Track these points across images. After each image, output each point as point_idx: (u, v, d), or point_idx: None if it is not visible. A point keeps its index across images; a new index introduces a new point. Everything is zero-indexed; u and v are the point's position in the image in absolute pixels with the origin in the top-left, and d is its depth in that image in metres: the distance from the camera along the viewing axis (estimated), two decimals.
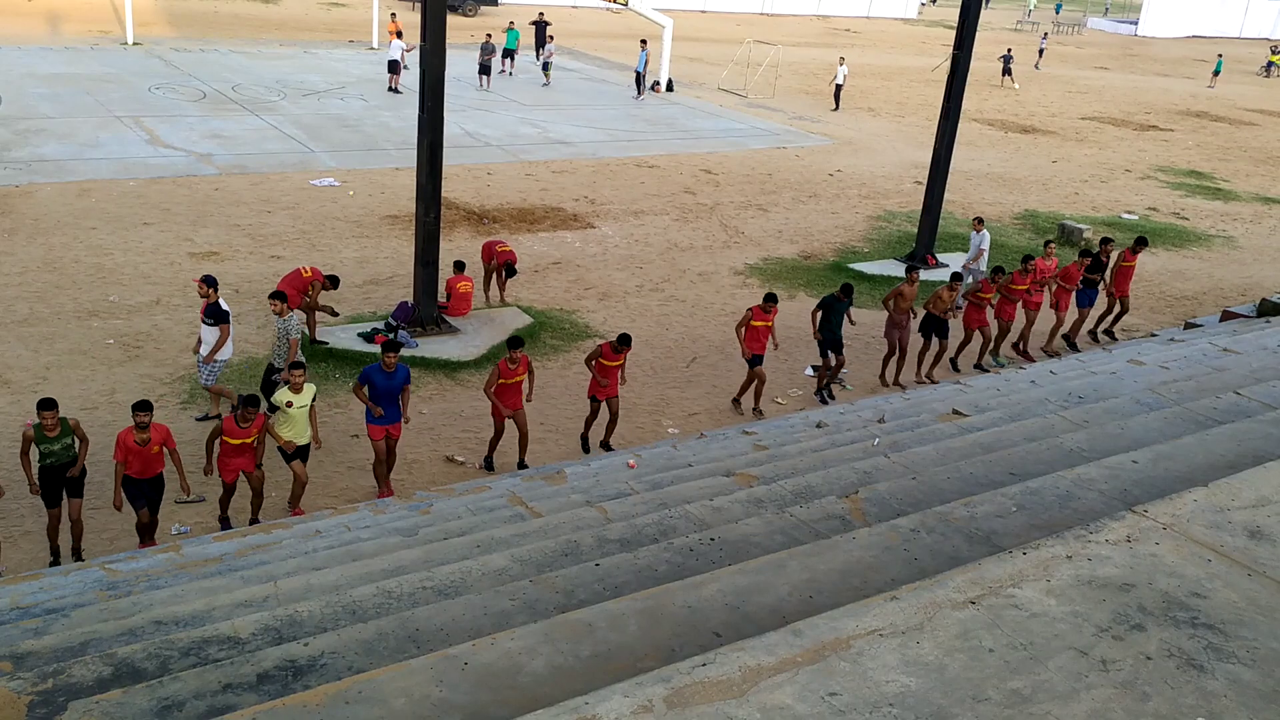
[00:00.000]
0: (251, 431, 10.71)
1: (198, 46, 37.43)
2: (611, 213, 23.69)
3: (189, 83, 31.42)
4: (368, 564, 7.30)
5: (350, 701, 4.07)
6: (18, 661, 5.72)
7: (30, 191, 20.82)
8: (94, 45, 35.77)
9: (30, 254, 17.81)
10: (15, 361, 14.23)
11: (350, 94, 32.43)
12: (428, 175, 15.74)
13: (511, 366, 12.38)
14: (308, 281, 15.10)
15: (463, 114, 29.47)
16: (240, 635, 5.54)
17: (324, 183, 23.50)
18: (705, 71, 43.55)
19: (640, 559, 6.10)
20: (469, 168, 25.40)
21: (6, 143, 23.69)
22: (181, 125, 26.76)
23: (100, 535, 10.99)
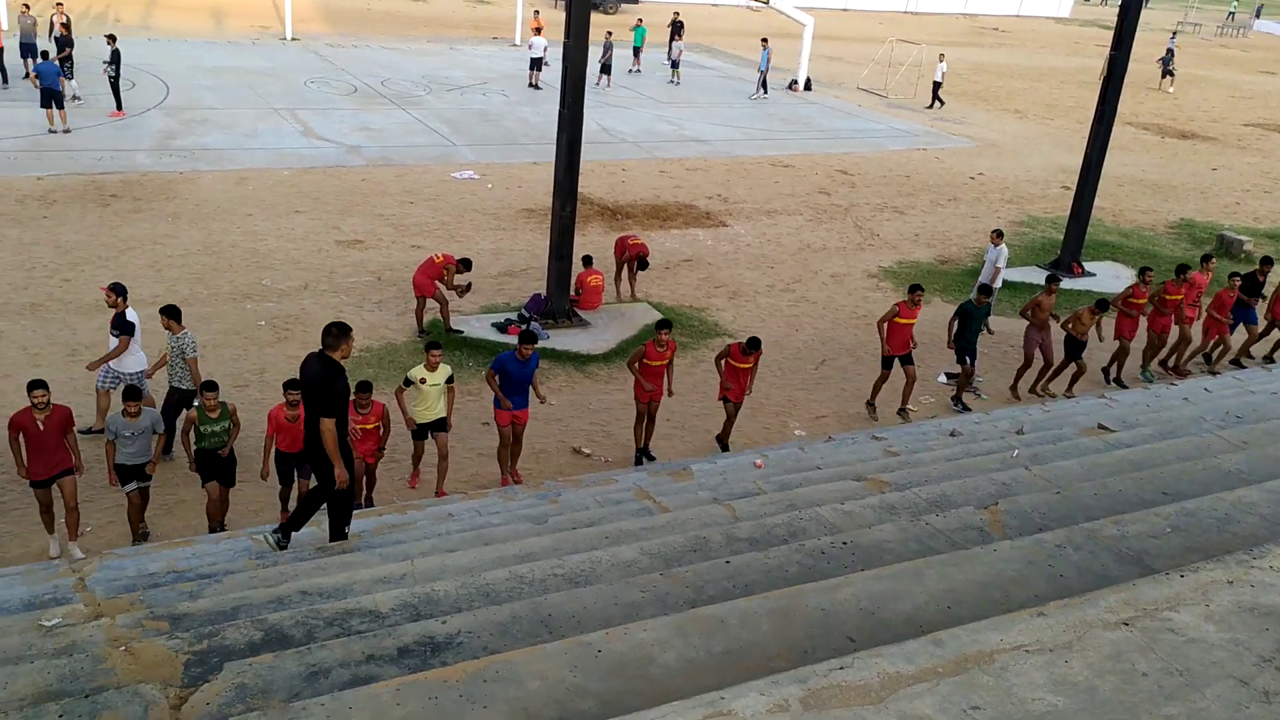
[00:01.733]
0: (371, 419, 11.01)
1: (351, 43, 38.76)
2: (744, 211, 23.59)
3: (341, 78, 32.58)
4: (499, 549, 7.44)
5: (488, 680, 4.16)
6: (174, 622, 6.02)
7: (193, 178, 21.91)
8: (255, 40, 37.42)
9: (192, 238, 18.74)
10: None
11: (492, 89, 33.11)
12: (565, 170, 15.94)
13: (659, 349, 12.47)
14: (440, 267, 15.51)
15: (600, 110, 29.77)
16: (380, 610, 5.72)
17: (464, 176, 24.06)
18: (845, 71, 42.96)
19: (771, 559, 6.06)
20: (604, 164, 25.64)
21: (173, 132, 24.98)
22: (333, 118, 27.76)
23: (247, 508, 11.48)
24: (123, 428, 10.19)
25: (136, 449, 10.34)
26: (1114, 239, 23.88)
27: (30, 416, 9.73)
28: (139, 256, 17.69)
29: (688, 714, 3.53)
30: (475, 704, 4.04)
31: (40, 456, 9.90)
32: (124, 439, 10.25)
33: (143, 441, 10.36)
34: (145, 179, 21.50)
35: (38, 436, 9.79)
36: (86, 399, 12.83)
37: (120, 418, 10.17)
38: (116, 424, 10.19)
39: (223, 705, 4.41)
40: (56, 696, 4.68)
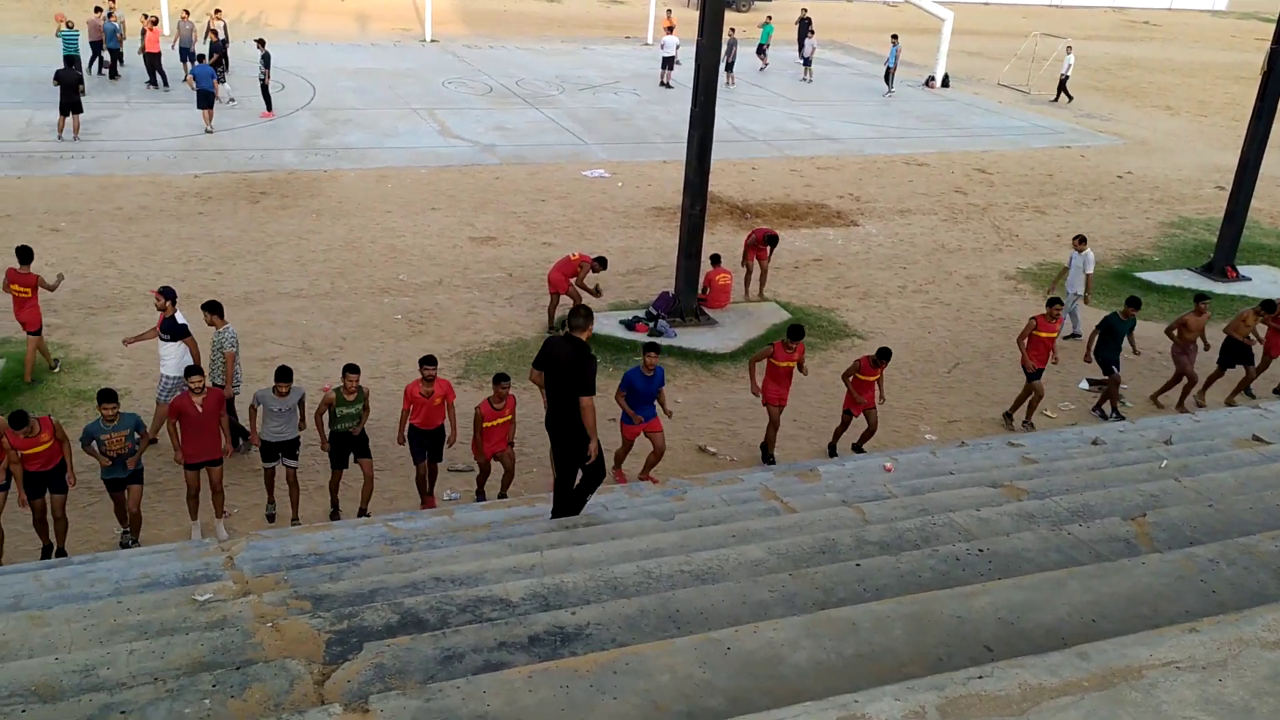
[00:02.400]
0: (505, 411, 11.19)
1: (487, 43, 39.59)
2: (876, 210, 23.20)
3: (478, 78, 33.31)
4: (626, 543, 7.49)
5: (618, 672, 4.19)
6: (316, 602, 6.25)
7: (336, 176, 22.72)
8: (396, 42, 38.57)
9: (334, 234, 19.43)
10: (317, 331, 15.56)
11: (624, 89, 33.36)
12: (696, 169, 15.94)
13: (786, 351, 12.37)
14: (575, 265, 15.69)
15: (731, 109, 29.69)
16: (511, 598, 5.82)
17: (595, 174, 24.31)
18: (985, 66, 41.80)
19: (903, 563, 5.94)
20: (734, 162, 25.56)
21: (318, 131, 25.95)
22: (469, 117, 28.41)
23: (381, 495, 11.83)
24: (271, 403, 10.63)
25: (282, 425, 10.77)
26: (1272, 242, 22.63)
27: (189, 400, 10.21)
28: (285, 251, 18.43)
29: (821, 716, 3.49)
30: (605, 695, 4.08)
31: (195, 440, 10.37)
32: (271, 413, 10.69)
33: (289, 419, 10.78)
34: (292, 177, 22.39)
35: (195, 419, 10.25)
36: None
37: (270, 393, 10.60)
38: (266, 399, 10.63)
39: (363, 683, 4.55)
40: (210, 667, 4.92)
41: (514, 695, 4.05)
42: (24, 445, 9.59)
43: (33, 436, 9.59)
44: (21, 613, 6.62)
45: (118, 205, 19.92)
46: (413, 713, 3.93)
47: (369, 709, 3.93)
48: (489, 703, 4.01)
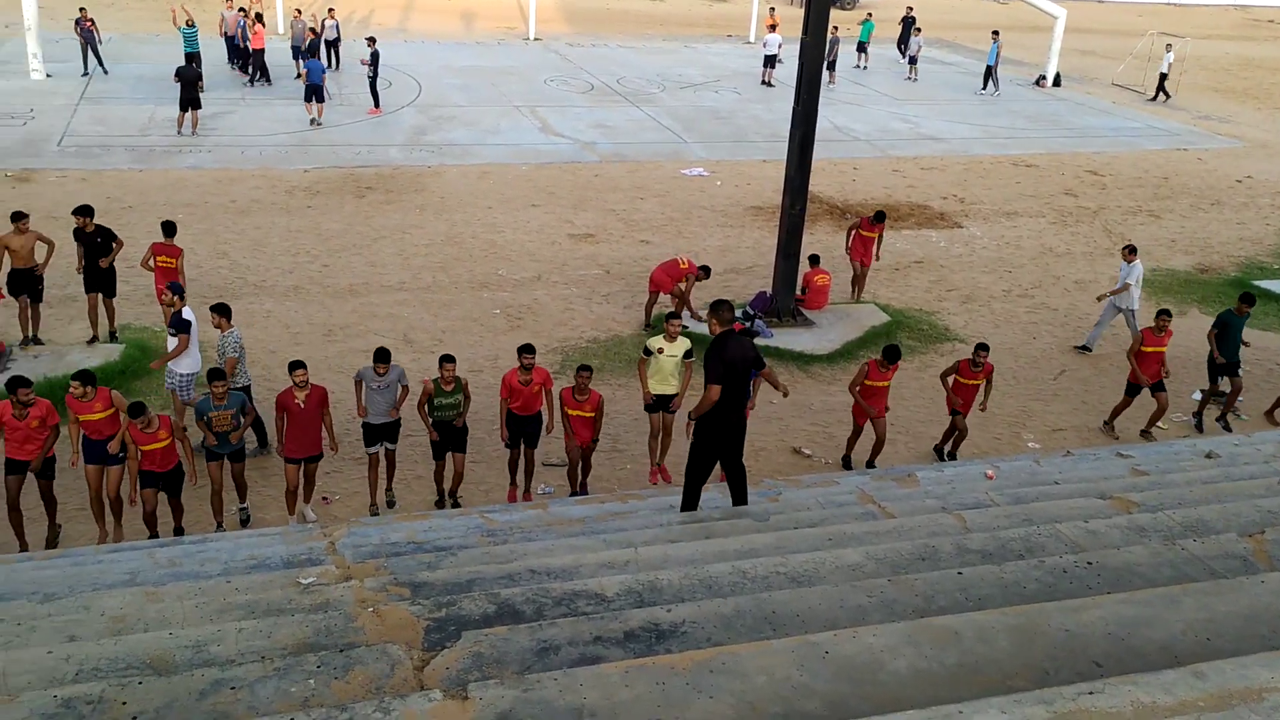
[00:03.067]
0: (587, 408, 11.24)
1: (589, 42, 39.87)
2: (981, 212, 22.70)
3: (579, 76, 33.56)
4: (721, 543, 7.46)
5: (714, 671, 4.17)
6: (415, 589, 6.36)
7: (440, 172, 23.12)
8: (500, 41, 39.10)
9: (436, 229, 19.78)
10: (419, 324, 15.85)
11: (724, 87, 33.25)
12: (797, 168, 15.80)
13: (881, 370, 12.17)
14: (684, 273, 15.67)
15: (833, 108, 29.36)
16: (606, 593, 5.84)
17: (694, 172, 24.28)
18: (1098, 66, 40.59)
19: (1007, 573, 5.79)
20: (835, 162, 25.27)
21: (423, 128, 26.45)
22: (570, 115, 28.64)
23: (478, 487, 12.01)
24: (370, 380, 10.86)
25: (384, 402, 11.00)
26: None
27: (292, 396, 10.49)
28: (388, 245, 18.82)
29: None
30: (701, 693, 4.06)
31: (298, 435, 10.63)
32: (371, 390, 10.92)
33: (389, 397, 11.00)
34: (397, 172, 22.86)
35: (298, 414, 10.52)
36: (340, 376, 13.77)
37: (370, 371, 10.83)
38: (366, 375, 10.88)
39: (460, 671, 4.61)
40: (314, 648, 5.04)
41: (610, 690, 4.06)
42: (142, 440, 9.94)
43: (150, 432, 9.93)
44: (137, 588, 6.88)
45: (231, 198, 20.58)
46: (510, 702, 3.97)
47: (468, 696, 3.98)
48: (585, 696, 4.03)
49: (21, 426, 9.83)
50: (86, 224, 13.96)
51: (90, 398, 9.91)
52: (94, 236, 14.02)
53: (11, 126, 23.96)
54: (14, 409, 9.75)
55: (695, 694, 4.06)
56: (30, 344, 13.97)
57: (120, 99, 26.84)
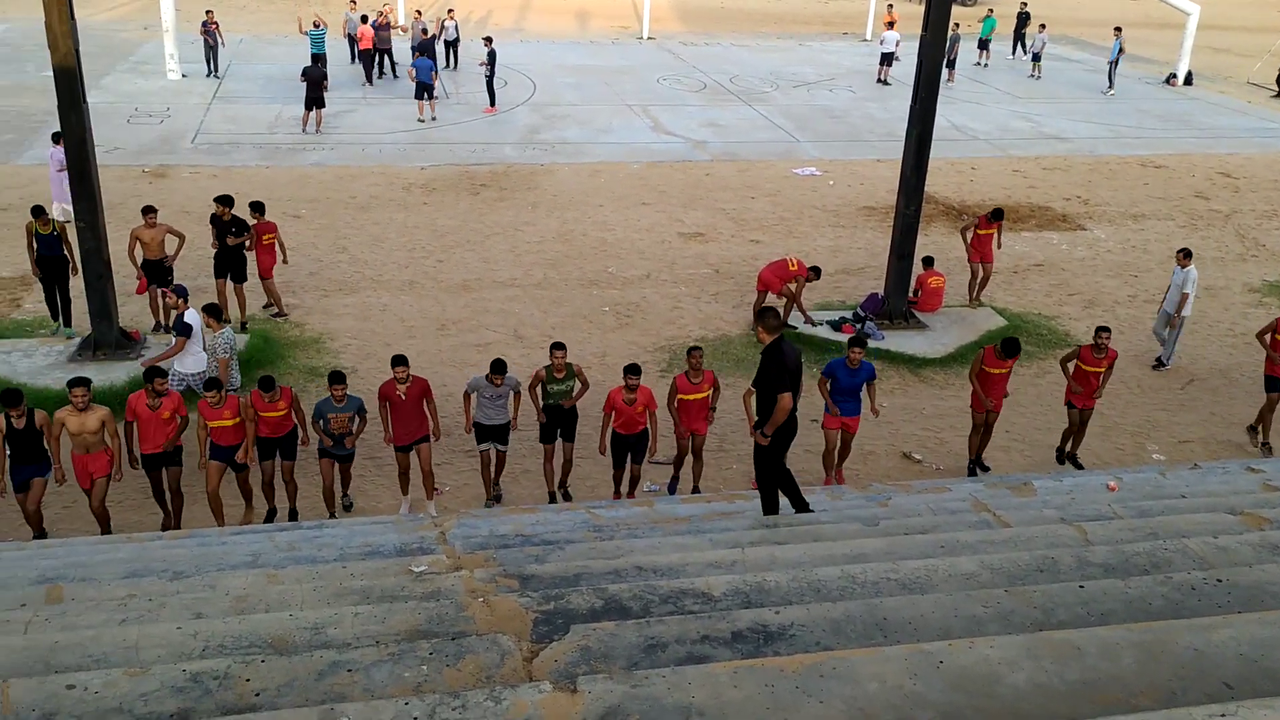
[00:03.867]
0: (704, 387, 11.29)
1: (703, 40, 39.83)
2: (1106, 215, 21.94)
3: (692, 74, 33.55)
4: (829, 546, 7.35)
5: (824, 675, 4.11)
6: (523, 582, 6.43)
7: (552, 170, 23.39)
8: (614, 40, 39.35)
9: (548, 226, 20.00)
10: (529, 320, 16.06)
11: (839, 85, 32.85)
12: (913, 167, 15.50)
13: (998, 358, 11.87)
14: (793, 274, 15.54)
15: (951, 106, 28.72)
16: (713, 593, 5.81)
17: (806, 172, 24.04)
18: (1232, 64, 38.84)
19: (1131, 588, 5.57)
20: (952, 161, 24.73)
21: (537, 126, 26.79)
22: (682, 114, 28.65)
23: (584, 482, 12.11)
24: (484, 390, 11.04)
25: (495, 411, 11.17)
26: None
27: (394, 388, 10.74)
28: (501, 242, 19.11)
29: None
30: (811, 697, 4.00)
31: (401, 424, 10.90)
32: (484, 400, 11.10)
33: (501, 405, 11.17)
34: (510, 170, 23.20)
35: (400, 406, 10.79)
36: (451, 370, 14.05)
37: (485, 381, 11.01)
38: (480, 385, 11.06)
39: (569, 664, 4.64)
40: (426, 635, 5.13)
41: (718, 689, 4.04)
42: (264, 408, 10.38)
43: (274, 402, 10.36)
44: (259, 570, 7.12)
45: (352, 194, 21.17)
46: (619, 697, 3.97)
47: (577, 690, 4.00)
48: (693, 694, 4.01)
49: (153, 417, 10.25)
50: (225, 213, 14.58)
51: (220, 404, 10.33)
52: (229, 225, 14.61)
53: (150, 124, 25.08)
54: (148, 398, 10.18)
55: (805, 698, 4.00)
56: (163, 331, 14.59)
57: (249, 98, 27.85)
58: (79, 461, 10.10)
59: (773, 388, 8.58)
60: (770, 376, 8.61)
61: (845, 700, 3.99)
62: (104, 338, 13.84)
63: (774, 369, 8.56)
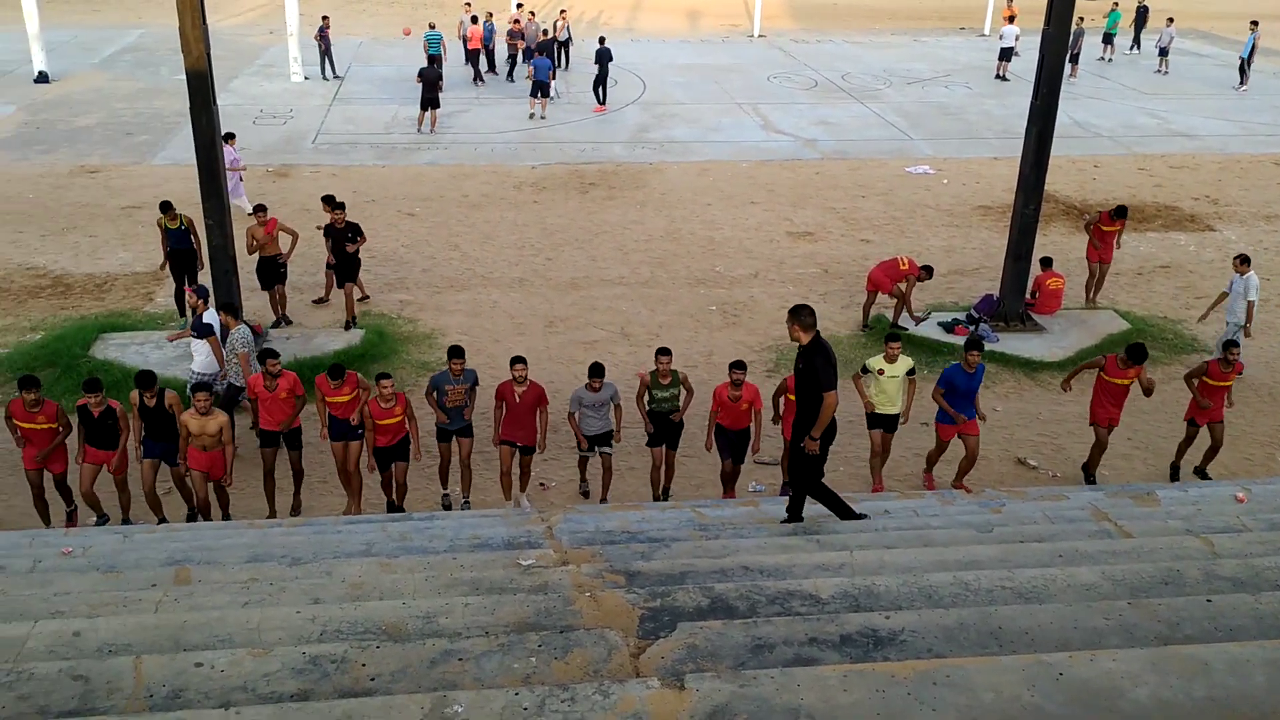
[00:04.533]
0: None
1: (814, 37, 39.41)
2: (1237, 215, 20.98)
3: (803, 72, 33.24)
4: (941, 552, 7.21)
5: (937, 683, 4.02)
6: (629, 578, 6.46)
7: (660, 169, 23.43)
8: (724, 38, 39.22)
9: (655, 225, 20.05)
10: (636, 318, 16.12)
11: (955, 82, 32.14)
12: (1032, 165, 15.07)
13: (1121, 368, 11.44)
14: (904, 274, 15.27)
15: (1073, 102, 27.82)
16: (820, 595, 5.75)
17: (919, 170, 23.59)
18: None
19: (1263, 604, 5.32)
20: (1074, 159, 23.96)
21: (645, 125, 26.88)
22: (792, 112, 28.40)
23: (689, 481, 12.09)
24: (586, 399, 11.12)
25: (598, 420, 11.23)
26: None
27: (511, 388, 10.87)
28: (609, 240, 19.23)
29: None
30: (924, 705, 3.92)
31: (513, 423, 11.01)
32: (586, 410, 11.18)
33: (603, 413, 11.22)
34: (619, 169, 23.32)
35: (515, 406, 10.91)
36: (559, 367, 14.19)
37: (585, 390, 11.08)
38: (581, 396, 11.13)
39: (675, 662, 4.65)
40: (535, 628, 5.20)
41: (828, 693, 3.99)
42: (380, 415, 10.61)
43: (388, 409, 10.58)
44: (373, 559, 7.32)
45: (464, 193, 21.56)
46: (727, 696, 3.96)
47: (685, 687, 4.00)
48: (803, 697, 3.97)
49: (271, 397, 10.64)
50: (339, 219, 14.96)
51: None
52: (344, 233, 15.00)
53: (273, 126, 25.97)
54: (265, 380, 10.57)
55: (917, 705, 3.92)
56: (281, 325, 15.09)
57: (367, 99, 28.61)
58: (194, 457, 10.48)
59: (817, 388, 8.03)
60: (815, 378, 8.05)
61: (960, 709, 3.90)
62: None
63: (819, 368, 8.02)
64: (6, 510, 11.00)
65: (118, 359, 13.88)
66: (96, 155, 23.31)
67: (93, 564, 7.54)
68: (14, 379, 13.28)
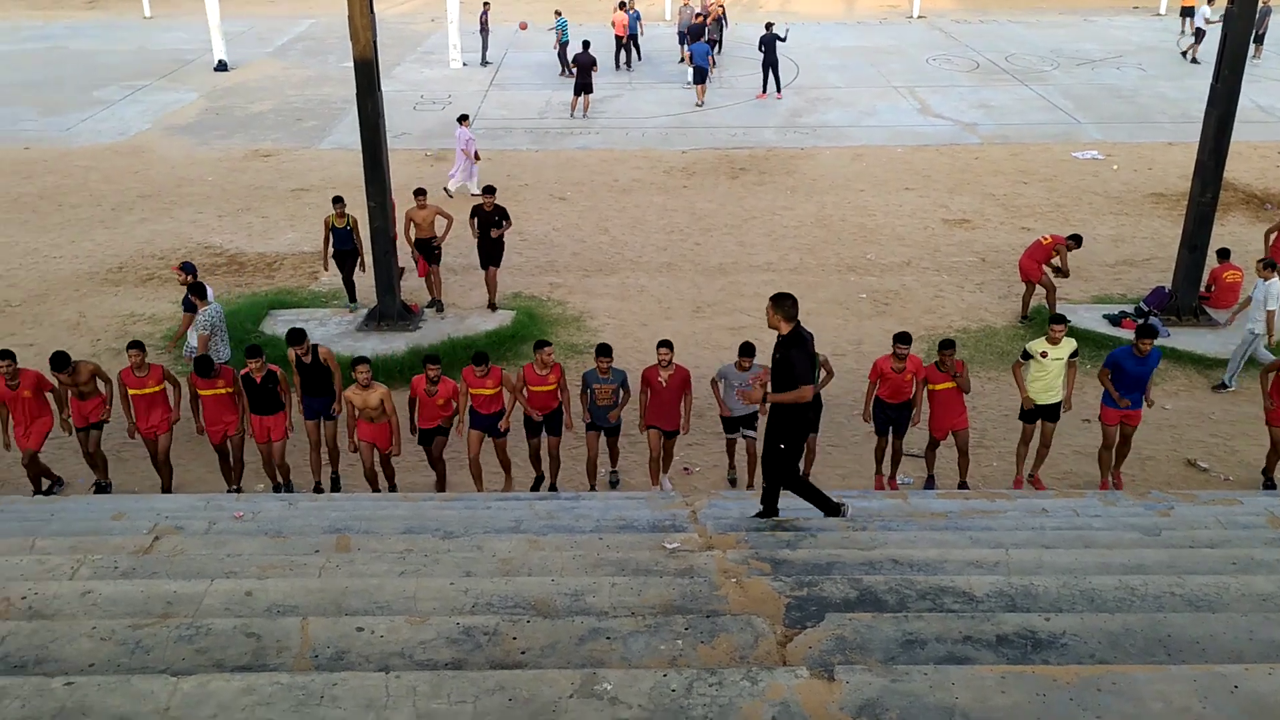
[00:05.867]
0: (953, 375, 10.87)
1: (977, 18, 38.12)
2: None
3: (964, 54, 32.21)
4: (1103, 554, 6.90)
5: (1102, 690, 3.85)
6: (775, 566, 6.41)
7: (812, 154, 23.10)
8: (882, 20, 38.35)
9: (806, 211, 19.79)
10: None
11: (1127, 63, 30.61)
12: (1211, 152, 14.23)
13: None
14: (1049, 249, 14.70)
15: (1257, 85, 26.17)
16: (975, 593, 5.58)
17: (1086, 155, 22.59)
18: None
19: None
20: (1255, 145, 22.52)
21: (798, 109, 26.53)
22: (952, 95, 27.57)
23: (835, 471, 11.92)
24: (733, 377, 11.06)
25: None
26: None
27: (656, 373, 10.89)
28: (758, 226, 19.08)
29: None
30: (1087, 711, 3.76)
31: (658, 409, 11.02)
32: (731, 387, 11.12)
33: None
34: (770, 154, 23.10)
35: (660, 391, 10.93)
36: (705, 351, 14.17)
37: (732, 368, 11.03)
38: (728, 373, 11.09)
39: (823, 652, 4.58)
40: (681, 611, 5.21)
41: (984, 693, 3.86)
42: (534, 380, 10.83)
43: (543, 375, 10.79)
44: (521, 536, 7.46)
45: (614, 177, 21.73)
46: (878, 690, 3.88)
47: (835, 679, 3.94)
48: (957, 695, 3.86)
49: (430, 402, 10.91)
50: (488, 204, 15.29)
51: (484, 374, 10.81)
52: (492, 216, 15.32)
53: (433, 111, 26.72)
54: (426, 385, 10.83)
55: (1080, 711, 3.76)
56: (436, 307, 15.52)
57: (522, 85, 29.14)
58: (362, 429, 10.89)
59: (793, 381, 7.66)
60: (790, 370, 7.68)
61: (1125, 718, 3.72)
62: (387, 310, 14.90)
63: (794, 360, 7.66)
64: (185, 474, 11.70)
65: (284, 334, 14.57)
66: (269, 140, 24.46)
67: (261, 528, 7.94)
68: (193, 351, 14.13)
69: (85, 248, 18.12)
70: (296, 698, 4.08)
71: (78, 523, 8.20)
